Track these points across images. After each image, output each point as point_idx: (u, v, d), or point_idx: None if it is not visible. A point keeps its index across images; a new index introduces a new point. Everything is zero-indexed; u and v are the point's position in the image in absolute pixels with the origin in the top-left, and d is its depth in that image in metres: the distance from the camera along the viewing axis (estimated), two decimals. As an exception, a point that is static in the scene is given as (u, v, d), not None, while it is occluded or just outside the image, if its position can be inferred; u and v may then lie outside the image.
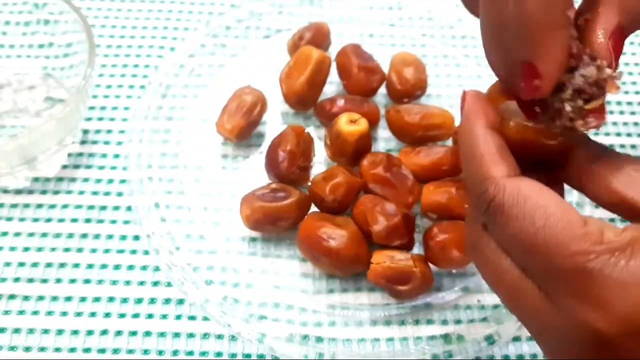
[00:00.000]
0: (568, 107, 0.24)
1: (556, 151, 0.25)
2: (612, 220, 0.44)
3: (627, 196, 0.23)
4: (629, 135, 0.49)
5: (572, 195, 0.41)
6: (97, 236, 0.41)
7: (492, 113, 0.25)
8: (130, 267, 0.40)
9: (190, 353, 0.36)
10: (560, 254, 0.21)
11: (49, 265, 0.39)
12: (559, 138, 0.25)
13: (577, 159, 0.25)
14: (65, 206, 0.42)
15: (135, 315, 0.38)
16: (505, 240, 0.23)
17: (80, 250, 0.40)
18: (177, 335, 0.37)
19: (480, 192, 0.24)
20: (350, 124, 0.41)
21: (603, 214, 0.44)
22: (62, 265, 0.39)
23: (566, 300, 0.21)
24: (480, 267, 0.25)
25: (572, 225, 0.21)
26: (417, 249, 0.40)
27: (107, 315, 0.38)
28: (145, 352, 0.36)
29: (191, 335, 0.37)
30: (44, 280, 0.39)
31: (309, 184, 0.41)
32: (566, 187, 0.27)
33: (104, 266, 0.40)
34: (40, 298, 0.38)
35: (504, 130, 0.25)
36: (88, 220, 0.42)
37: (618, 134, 0.49)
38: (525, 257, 0.22)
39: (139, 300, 0.38)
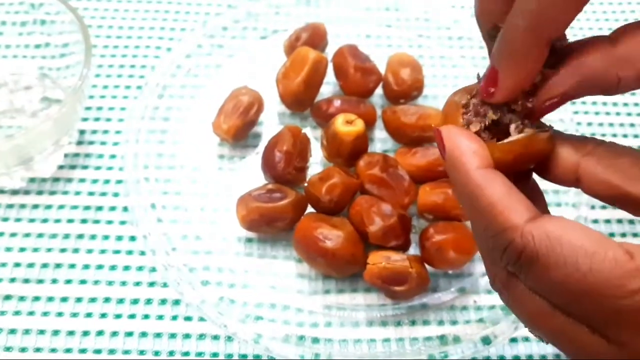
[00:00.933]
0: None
1: (544, 156, 0.24)
2: (619, 221, 0.44)
3: (629, 192, 0.22)
4: (624, 136, 0.49)
5: (568, 195, 0.41)
6: (93, 237, 0.41)
7: (480, 146, 0.23)
8: (127, 268, 0.40)
9: (187, 354, 0.36)
10: (618, 296, 0.19)
11: (45, 265, 0.39)
12: (547, 138, 0.24)
13: (566, 157, 0.24)
14: (61, 207, 0.42)
15: (132, 316, 0.38)
16: (545, 288, 0.21)
17: (76, 250, 0.40)
18: (173, 335, 0.37)
19: (503, 244, 0.21)
20: (346, 125, 0.41)
21: (600, 214, 0.44)
22: (58, 265, 0.39)
23: (637, 341, 0.20)
24: (517, 310, 0.23)
25: (620, 261, 0.19)
26: (413, 250, 0.40)
27: (103, 315, 0.38)
28: (142, 352, 0.36)
29: (187, 336, 0.37)
30: (40, 281, 0.39)
31: (305, 184, 0.41)
32: (561, 187, 0.27)
33: (100, 267, 0.40)
34: (36, 299, 0.38)
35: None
36: (84, 221, 0.41)
37: (614, 135, 0.49)
38: (574, 303, 0.21)
39: (135, 301, 0.38)
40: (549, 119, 0.26)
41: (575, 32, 0.56)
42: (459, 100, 0.25)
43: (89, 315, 0.37)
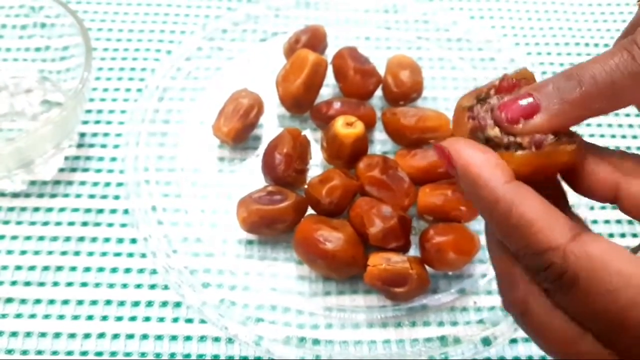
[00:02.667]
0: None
1: (567, 169, 0.23)
2: (619, 221, 0.44)
3: None
4: (623, 137, 0.49)
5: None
6: (94, 239, 0.41)
7: (498, 158, 0.22)
8: (127, 270, 0.40)
9: (188, 356, 0.36)
10: None
11: (46, 268, 0.39)
12: (573, 150, 0.22)
13: (604, 176, 0.23)
14: (62, 209, 0.42)
15: (132, 318, 0.38)
16: (582, 313, 0.21)
17: (77, 253, 0.40)
18: (174, 338, 0.37)
19: (544, 265, 0.21)
20: (346, 127, 0.41)
21: (599, 214, 0.44)
22: (59, 268, 0.39)
23: None
24: (537, 334, 0.23)
25: None
26: (413, 251, 0.40)
27: (104, 318, 0.38)
28: (143, 354, 0.36)
29: (188, 338, 0.37)
30: (41, 284, 0.39)
31: (306, 186, 0.41)
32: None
33: (101, 269, 0.40)
34: (37, 301, 0.38)
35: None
36: (85, 224, 0.42)
37: (612, 136, 0.49)
38: (611, 333, 0.20)
39: (136, 303, 0.38)
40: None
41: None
42: (465, 104, 0.23)
43: (90, 317, 0.38)
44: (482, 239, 0.36)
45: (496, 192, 0.21)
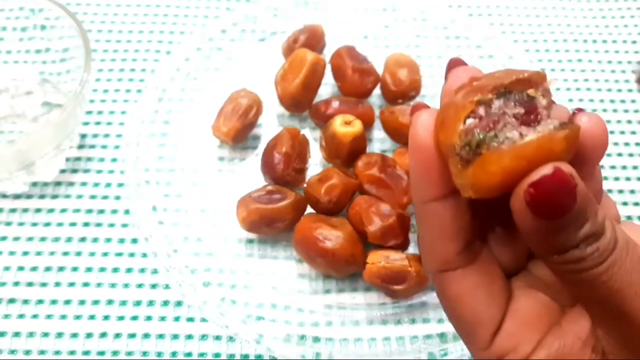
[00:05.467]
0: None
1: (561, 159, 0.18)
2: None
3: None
4: (622, 132, 0.49)
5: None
6: (95, 240, 0.41)
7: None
8: (129, 270, 0.40)
9: (189, 354, 0.37)
10: None
11: (48, 269, 0.40)
12: (566, 135, 0.18)
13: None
14: (63, 210, 0.42)
15: (134, 318, 0.38)
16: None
17: (78, 253, 0.41)
18: (175, 336, 0.37)
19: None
20: (344, 126, 0.41)
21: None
22: (61, 268, 0.40)
23: None
24: None
25: None
26: (412, 249, 0.40)
27: (106, 317, 0.38)
28: (144, 354, 0.37)
29: (190, 337, 0.37)
30: (43, 284, 0.39)
31: (305, 185, 0.41)
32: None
33: (102, 269, 0.40)
34: (40, 302, 0.38)
35: (492, 163, 0.18)
36: (86, 224, 0.42)
37: (615, 144, 0.49)
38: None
39: (138, 303, 0.39)
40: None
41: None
42: (464, 100, 0.19)
43: (92, 317, 0.38)
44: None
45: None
